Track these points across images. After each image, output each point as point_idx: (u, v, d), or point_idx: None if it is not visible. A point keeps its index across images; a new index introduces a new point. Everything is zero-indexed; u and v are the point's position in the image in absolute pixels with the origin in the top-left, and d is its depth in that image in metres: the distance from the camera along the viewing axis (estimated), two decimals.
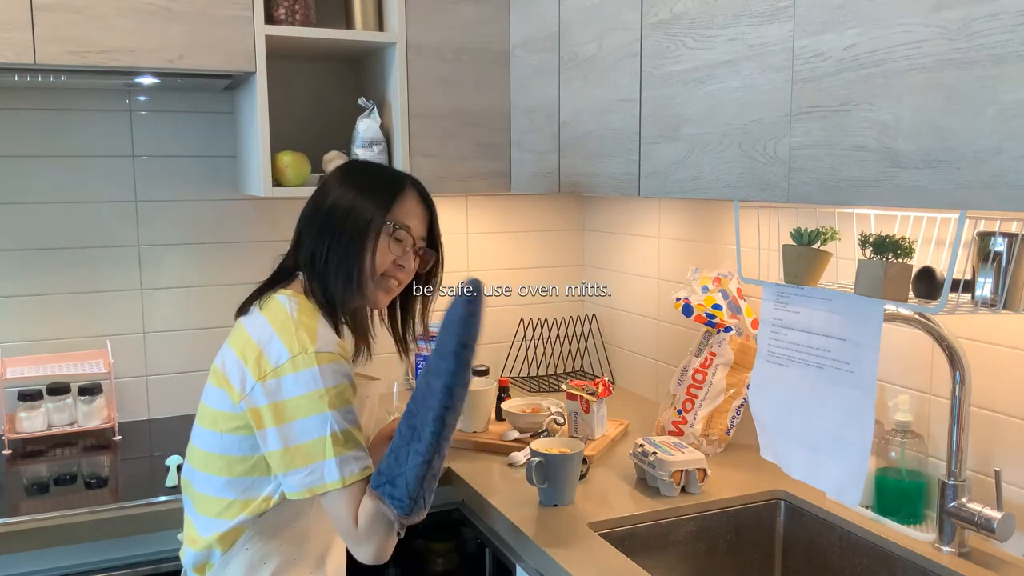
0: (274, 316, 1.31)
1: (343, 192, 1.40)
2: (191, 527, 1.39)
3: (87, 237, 2.17)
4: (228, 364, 1.32)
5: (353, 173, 1.45)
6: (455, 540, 1.96)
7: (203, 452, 1.35)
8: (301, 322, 1.29)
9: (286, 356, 1.26)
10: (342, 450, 1.24)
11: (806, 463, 1.42)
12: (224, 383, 1.31)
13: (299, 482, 1.25)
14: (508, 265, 2.59)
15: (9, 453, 1.96)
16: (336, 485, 1.24)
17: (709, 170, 1.48)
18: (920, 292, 1.35)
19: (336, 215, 1.38)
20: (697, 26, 1.49)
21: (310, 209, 1.43)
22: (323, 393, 1.24)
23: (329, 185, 1.43)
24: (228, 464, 1.32)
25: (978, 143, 1.01)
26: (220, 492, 1.33)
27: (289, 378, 1.25)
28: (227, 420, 1.31)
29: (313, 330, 1.29)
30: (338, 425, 1.25)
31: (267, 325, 1.31)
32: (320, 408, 1.24)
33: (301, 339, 1.27)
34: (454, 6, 2.10)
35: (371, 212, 1.38)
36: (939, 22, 1.05)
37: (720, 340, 1.90)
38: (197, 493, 1.37)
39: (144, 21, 1.81)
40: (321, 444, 1.24)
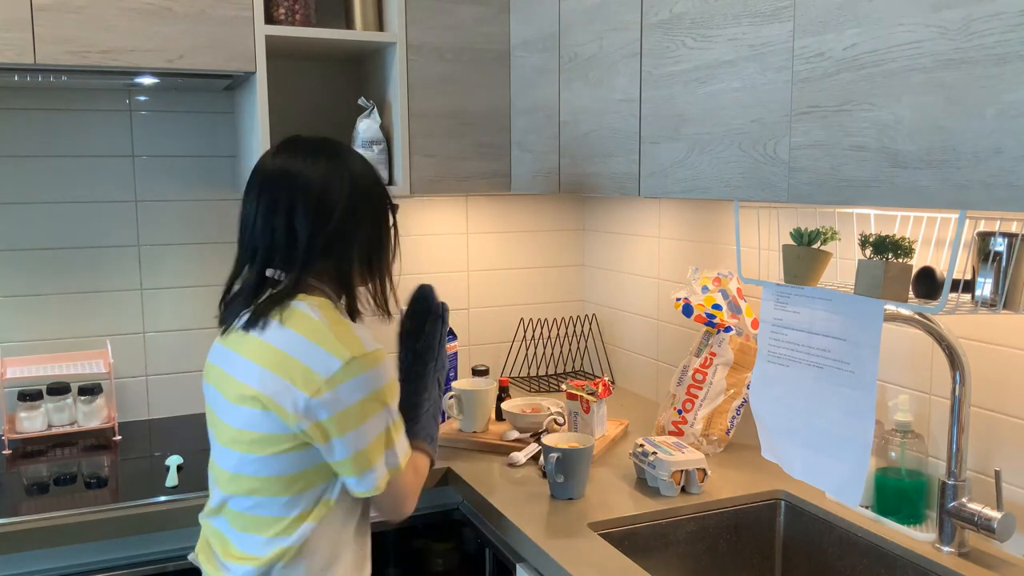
0: (304, 327, 1.27)
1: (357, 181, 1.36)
2: (236, 551, 1.32)
3: (87, 237, 2.17)
4: (271, 386, 1.25)
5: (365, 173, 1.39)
6: (455, 540, 1.96)
7: (253, 478, 1.28)
8: (336, 327, 1.27)
9: (337, 364, 1.23)
10: (399, 435, 1.31)
11: (806, 463, 1.42)
12: (270, 406, 1.25)
13: (375, 479, 1.28)
14: (508, 265, 2.59)
15: (9, 453, 1.96)
16: (403, 466, 1.32)
17: (709, 170, 1.48)
18: (920, 292, 1.35)
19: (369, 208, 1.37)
20: (697, 26, 1.49)
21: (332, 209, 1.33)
22: (380, 392, 1.26)
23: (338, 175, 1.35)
24: (289, 483, 1.28)
25: (978, 143, 1.01)
26: (283, 511, 1.29)
27: (345, 386, 1.23)
28: (282, 442, 1.26)
29: (351, 333, 1.27)
30: (393, 416, 1.30)
31: (300, 337, 1.25)
32: (378, 407, 1.27)
33: (347, 343, 1.25)
34: (454, 6, 2.10)
35: (387, 196, 1.41)
36: (939, 22, 1.05)
37: (720, 340, 1.90)
38: (250, 517, 1.30)
39: (144, 21, 1.81)
40: (384, 437, 1.28)
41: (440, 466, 1.84)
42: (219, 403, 1.34)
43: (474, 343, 2.57)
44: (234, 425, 1.30)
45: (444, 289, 2.52)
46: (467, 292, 2.55)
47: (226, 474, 1.32)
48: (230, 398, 1.31)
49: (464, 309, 2.55)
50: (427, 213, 2.48)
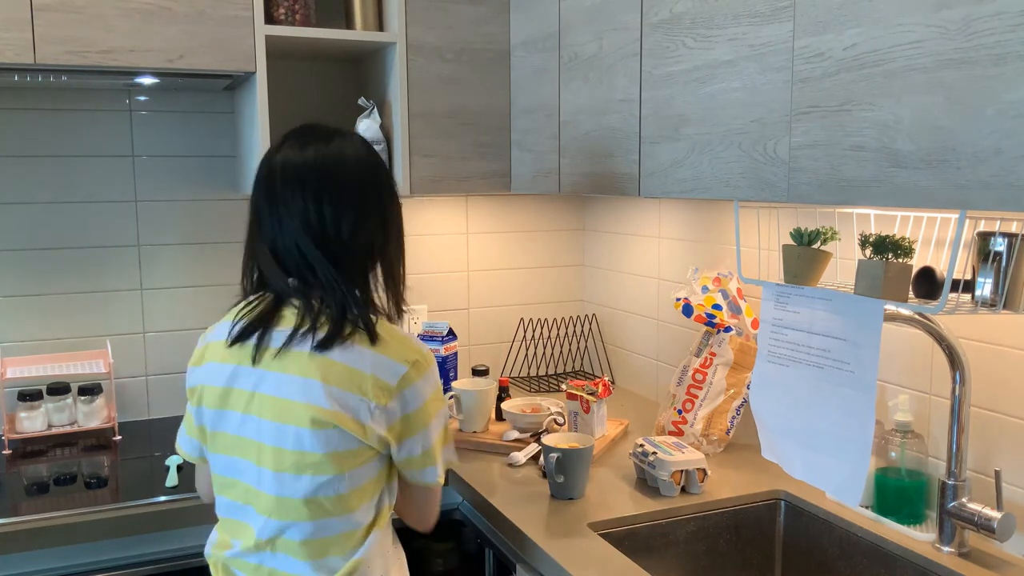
0: (363, 339, 1.24)
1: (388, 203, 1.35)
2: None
3: (87, 237, 2.17)
4: (345, 402, 1.21)
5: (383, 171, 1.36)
6: (455, 540, 1.96)
7: (327, 498, 1.23)
8: (391, 334, 1.28)
9: (403, 368, 1.25)
10: (445, 442, 1.35)
11: (807, 463, 1.42)
12: (345, 422, 1.20)
13: (437, 472, 1.33)
14: (508, 265, 2.59)
15: (9, 453, 1.96)
16: (442, 478, 1.35)
17: (709, 170, 1.48)
18: (920, 292, 1.35)
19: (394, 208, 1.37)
20: (697, 26, 1.49)
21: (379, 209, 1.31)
22: (440, 390, 1.32)
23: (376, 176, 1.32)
24: (359, 495, 1.25)
25: (978, 143, 1.01)
26: (354, 525, 1.26)
27: (414, 387, 1.26)
28: (355, 456, 1.23)
29: (406, 339, 1.30)
30: (446, 419, 1.35)
31: (364, 352, 1.23)
32: (441, 404, 1.33)
33: (409, 347, 1.28)
34: (454, 6, 2.10)
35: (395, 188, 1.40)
36: (939, 22, 1.05)
37: (720, 340, 1.90)
38: (319, 541, 1.24)
39: (144, 21, 1.81)
40: (444, 434, 1.34)
41: None
42: (261, 428, 1.24)
43: (474, 343, 2.57)
44: (302, 448, 1.22)
45: (444, 289, 2.52)
46: (467, 292, 2.55)
47: (290, 501, 1.23)
48: (287, 420, 1.22)
49: (464, 309, 2.55)
50: (427, 213, 2.48)
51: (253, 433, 1.25)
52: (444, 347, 2.17)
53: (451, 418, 1.42)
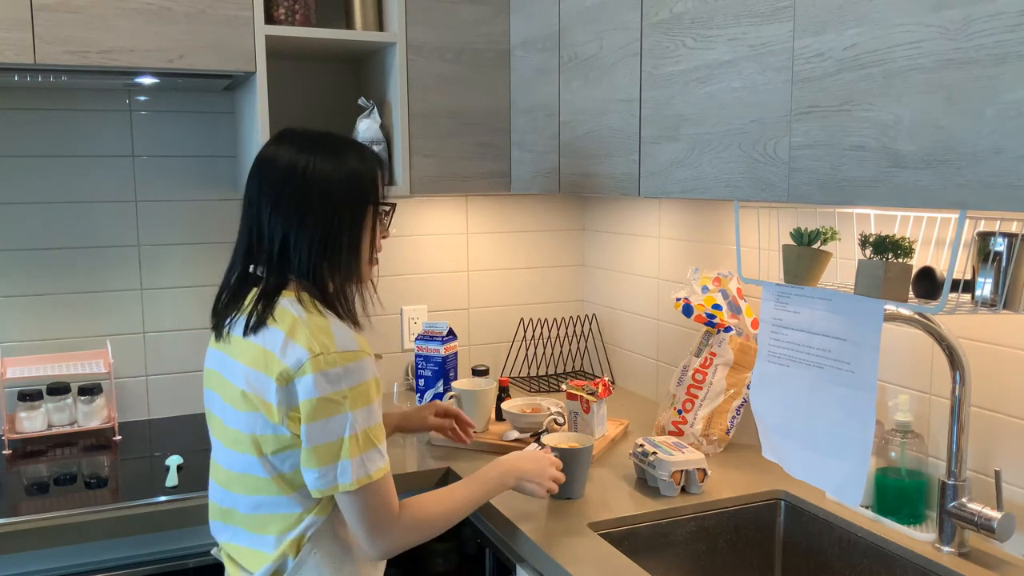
0: (285, 323, 1.27)
1: (330, 177, 1.31)
2: (250, 553, 1.33)
3: (87, 237, 2.17)
4: (256, 384, 1.26)
5: (322, 149, 1.34)
6: (455, 540, 1.96)
7: (254, 477, 1.30)
8: (312, 322, 1.26)
9: (305, 357, 1.23)
10: (359, 451, 1.24)
11: (807, 463, 1.42)
12: (259, 404, 1.26)
13: (316, 482, 1.24)
14: (508, 265, 2.59)
15: (9, 453, 1.96)
16: (349, 487, 1.24)
17: (709, 170, 1.48)
18: (920, 292, 1.35)
19: (332, 204, 1.31)
20: (697, 26, 1.49)
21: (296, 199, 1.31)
22: (345, 394, 1.23)
23: (303, 166, 1.31)
24: (288, 482, 1.28)
25: (978, 143, 1.01)
26: (285, 508, 1.29)
27: (310, 379, 1.22)
28: (272, 442, 1.27)
29: (327, 329, 1.26)
30: (359, 426, 1.24)
31: (280, 333, 1.26)
32: (342, 410, 1.23)
33: (319, 339, 1.24)
34: (454, 6, 2.10)
35: (368, 196, 1.34)
36: (939, 22, 1.05)
37: (720, 340, 1.90)
38: (255, 517, 1.32)
39: (144, 21, 1.81)
40: (338, 446, 1.23)
41: (440, 466, 1.84)
42: (219, 407, 1.35)
43: (474, 343, 2.57)
44: (235, 427, 1.31)
45: (444, 289, 2.52)
46: (467, 292, 2.55)
47: (233, 475, 1.33)
48: (228, 401, 1.32)
49: (464, 309, 2.55)
50: (427, 213, 2.48)
51: (216, 410, 1.37)
52: (444, 347, 2.17)
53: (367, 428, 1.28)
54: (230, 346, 1.33)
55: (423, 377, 2.17)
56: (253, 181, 1.35)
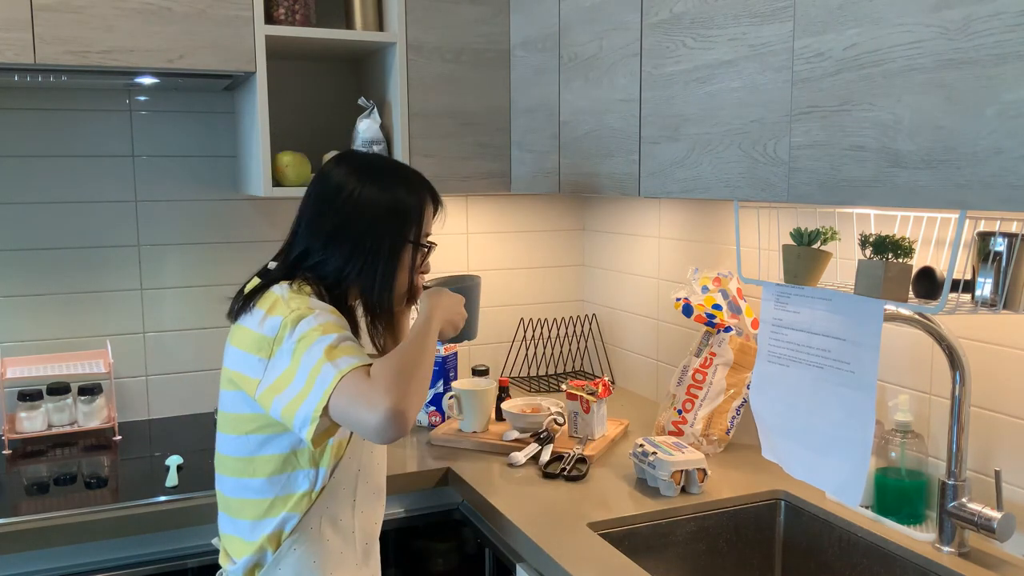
0: (265, 303, 1.30)
1: (372, 204, 1.35)
2: (233, 540, 1.37)
3: (87, 237, 2.17)
4: (238, 361, 1.30)
5: (374, 175, 1.38)
6: (455, 540, 1.96)
7: (233, 458, 1.34)
8: (291, 299, 1.29)
9: (279, 321, 1.25)
10: (332, 356, 1.20)
11: (807, 463, 1.42)
12: (240, 381, 1.29)
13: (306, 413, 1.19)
14: (508, 265, 2.59)
15: (9, 453, 1.96)
16: (335, 380, 1.17)
17: (709, 170, 1.48)
18: (920, 292, 1.35)
19: (372, 233, 1.34)
20: (697, 26, 1.49)
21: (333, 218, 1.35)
22: (317, 327, 1.23)
23: (351, 190, 1.35)
24: (261, 464, 1.32)
25: (978, 143, 1.01)
26: (259, 494, 1.33)
27: (287, 335, 1.23)
28: (250, 421, 1.31)
29: (304, 300, 1.28)
30: (328, 345, 1.21)
31: (261, 312, 1.29)
32: (311, 340, 1.21)
33: (292, 306, 1.26)
34: (454, 6, 2.10)
35: (408, 231, 1.37)
36: (939, 22, 1.05)
37: (720, 340, 1.90)
38: (234, 500, 1.36)
39: (144, 21, 1.81)
40: (320, 363, 1.19)
41: (440, 466, 1.84)
42: (220, 393, 1.39)
43: (474, 343, 2.57)
44: (223, 408, 1.36)
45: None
46: None
47: (219, 456, 1.38)
48: (221, 383, 1.37)
49: None
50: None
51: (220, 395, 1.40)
52: (444, 347, 2.17)
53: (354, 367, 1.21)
54: (229, 335, 1.37)
55: None
56: (306, 194, 1.41)
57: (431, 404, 2.16)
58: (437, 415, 2.15)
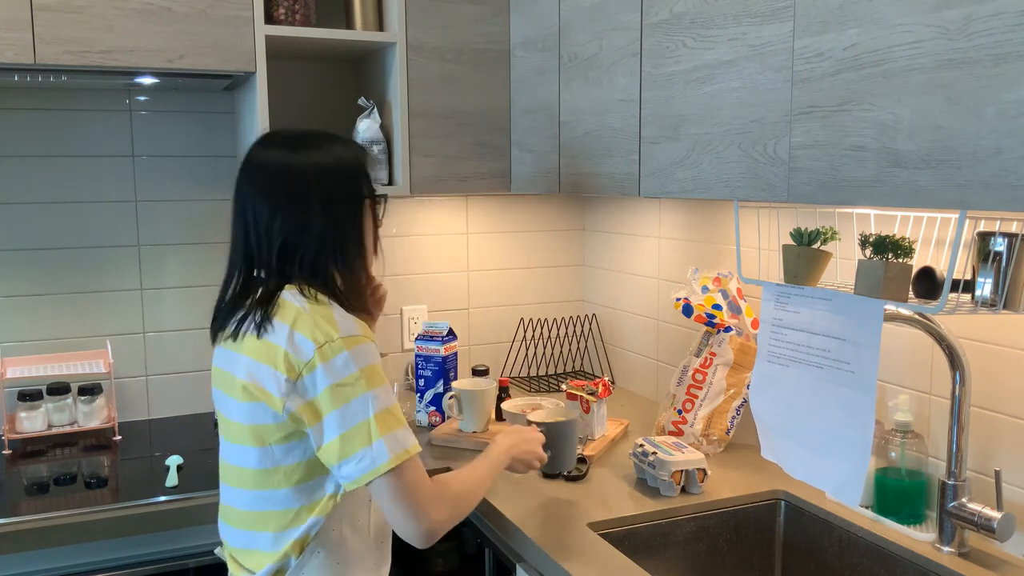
0: (287, 315, 1.27)
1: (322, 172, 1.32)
2: (250, 554, 1.33)
3: (87, 237, 2.17)
4: (259, 376, 1.26)
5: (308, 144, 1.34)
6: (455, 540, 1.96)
7: (253, 471, 1.30)
8: (316, 312, 1.26)
9: (312, 348, 1.23)
10: (388, 429, 1.23)
11: (806, 463, 1.42)
12: (261, 395, 1.26)
13: (352, 471, 1.22)
14: (508, 265, 2.59)
15: (9, 453, 1.96)
16: (389, 464, 1.21)
17: (709, 170, 1.48)
18: (920, 292, 1.35)
19: (330, 198, 1.31)
20: (697, 26, 1.49)
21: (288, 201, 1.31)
22: (358, 376, 1.22)
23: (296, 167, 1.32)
24: (286, 475, 1.28)
25: (978, 143, 1.01)
26: (284, 504, 1.29)
27: (320, 369, 1.22)
28: (274, 432, 1.27)
29: (330, 317, 1.26)
30: (380, 404, 1.23)
31: (283, 325, 1.26)
32: (358, 391, 1.22)
33: (323, 328, 1.24)
34: (454, 6, 2.10)
35: (362, 185, 1.35)
36: (939, 22, 1.05)
37: (720, 340, 1.90)
38: (252, 514, 1.32)
39: (144, 21, 1.81)
40: (366, 427, 1.22)
41: (440, 466, 1.84)
42: (224, 402, 1.36)
43: (474, 343, 2.57)
44: (237, 420, 1.31)
45: (444, 289, 2.52)
46: (467, 292, 2.55)
47: (234, 469, 1.34)
48: (232, 394, 1.32)
49: (464, 309, 2.55)
50: (427, 213, 2.48)
51: (223, 408, 1.36)
52: (444, 347, 2.17)
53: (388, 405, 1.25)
54: (235, 343, 1.33)
55: (423, 377, 2.17)
56: (245, 185, 1.35)
57: (431, 404, 2.16)
58: (437, 415, 2.15)
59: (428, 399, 2.16)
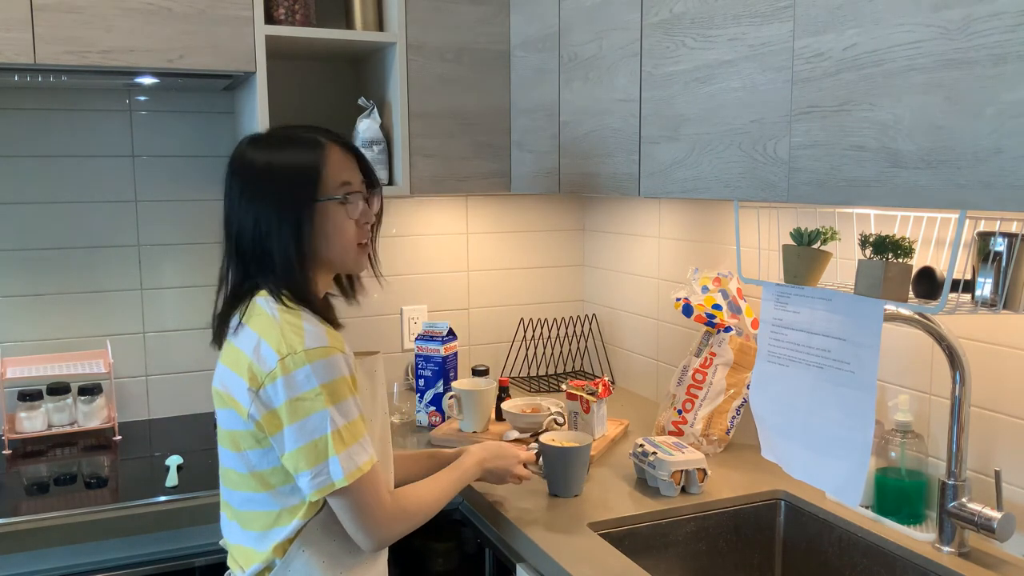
0: (257, 323, 1.28)
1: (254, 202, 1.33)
2: (242, 550, 1.35)
3: (87, 237, 2.17)
4: (229, 383, 1.29)
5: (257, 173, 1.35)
6: (455, 540, 1.96)
7: (236, 473, 1.33)
8: (285, 321, 1.26)
9: (275, 359, 1.23)
10: (344, 446, 1.24)
11: (806, 463, 1.42)
12: (230, 402, 1.29)
13: (308, 484, 1.24)
14: (508, 265, 2.59)
15: (9, 453, 1.96)
16: (343, 483, 1.24)
17: (709, 170, 1.48)
18: (920, 292, 1.35)
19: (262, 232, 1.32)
20: (697, 26, 1.49)
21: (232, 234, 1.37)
22: (318, 391, 1.23)
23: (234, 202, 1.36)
24: (262, 479, 1.30)
25: (978, 143, 1.01)
26: (266, 506, 1.31)
27: (280, 382, 1.23)
28: (244, 439, 1.29)
29: (299, 328, 1.26)
30: (338, 421, 1.24)
31: (253, 333, 1.27)
32: (317, 407, 1.23)
33: (288, 339, 1.24)
34: (454, 6, 2.10)
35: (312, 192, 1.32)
36: (939, 22, 1.05)
37: (720, 340, 1.90)
38: (242, 512, 1.34)
39: (144, 21, 1.81)
40: (323, 443, 1.23)
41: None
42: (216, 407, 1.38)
43: (474, 343, 2.57)
44: (220, 425, 1.35)
45: (444, 289, 2.52)
46: (467, 292, 2.55)
47: (223, 470, 1.37)
48: (214, 399, 1.36)
49: (464, 309, 2.55)
50: (427, 213, 2.48)
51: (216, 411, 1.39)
52: (444, 347, 2.17)
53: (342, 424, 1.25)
54: (220, 349, 1.36)
55: (423, 377, 2.18)
56: (225, 180, 1.40)
57: (431, 404, 2.16)
58: (437, 415, 2.15)
59: (428, 399, 2.16)
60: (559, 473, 1.65)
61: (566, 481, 1.65)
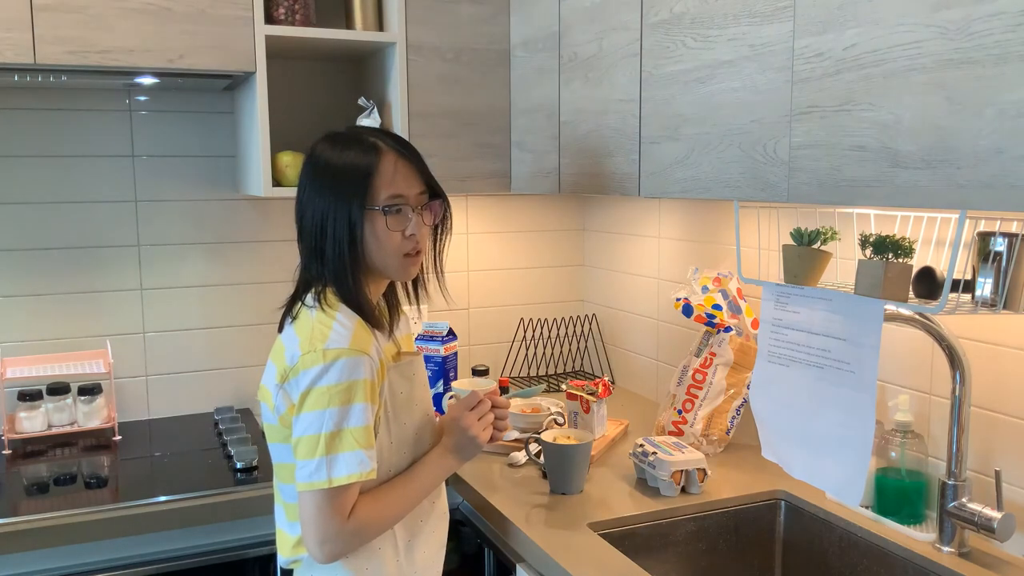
0: (299, 323, 1.33)
1: (315, 197, 1.33)
2: (283, 536, 1.39)
3: (87, 237, 2.17)
4: (267, 378, 1.35)
5: (320, 169, 1.34)
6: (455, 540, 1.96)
7: (279, 465, 1.37)
8: (318, 320, 1.30)
9: (298, 356, 1.27)
10: (333, 450, 1.24)
11: (807, 463, 1.42)
12: (266, 396, 1.35)
13: (297, 475, 1.27)
14: (508, 265, 2.59)
15: (9, 453, 1.96)
16: (319, 486, 1.24)
17: (709, 170, 1.48)
18: (920, 292, 1.35)
19: (319, 227, 1.32)
20: (697, 26, 1.49)
21: (299, 226, 1.37)
22: (325, 390, 1.24)
23: (302, 194, 1.36)
24: (291, 470, 1.34)
25: (978, 143, 1.01)
26: (295, 498, 1.33)
27: (299, 376, 1.27)
28: (278, 432, 1.34)
29: (327, 327, 1.28)
30: (338, 424, 1.24)
31: (292, 333, 1.32)
32: (321, 405, 1.25)
33: (314, 337, 1.27)
34: (454, 6, 2.10)
35: (349, 208, 1.30)
36: (939, 22, 1.05)
37: (720, 340, 1.90)
38: (286, 503, 1.38)
39: (144, 21, 1.81)
40: (317, 441, 1.25)
41: None
42: None
43: (474, 343, 2.57)
44: (263, 419, 1.40)
45: None
46: (467, 292, 2.55)
47: (274, 463, 1.40)
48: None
49: (464, 309, 2.55)
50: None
51: None
52: (444, 347, 2.17)
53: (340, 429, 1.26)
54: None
55: None
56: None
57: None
58: (437, 415, 2.15)
59: None
60: (560, 471, 1.65)
61: (567, 479, 1.65)
